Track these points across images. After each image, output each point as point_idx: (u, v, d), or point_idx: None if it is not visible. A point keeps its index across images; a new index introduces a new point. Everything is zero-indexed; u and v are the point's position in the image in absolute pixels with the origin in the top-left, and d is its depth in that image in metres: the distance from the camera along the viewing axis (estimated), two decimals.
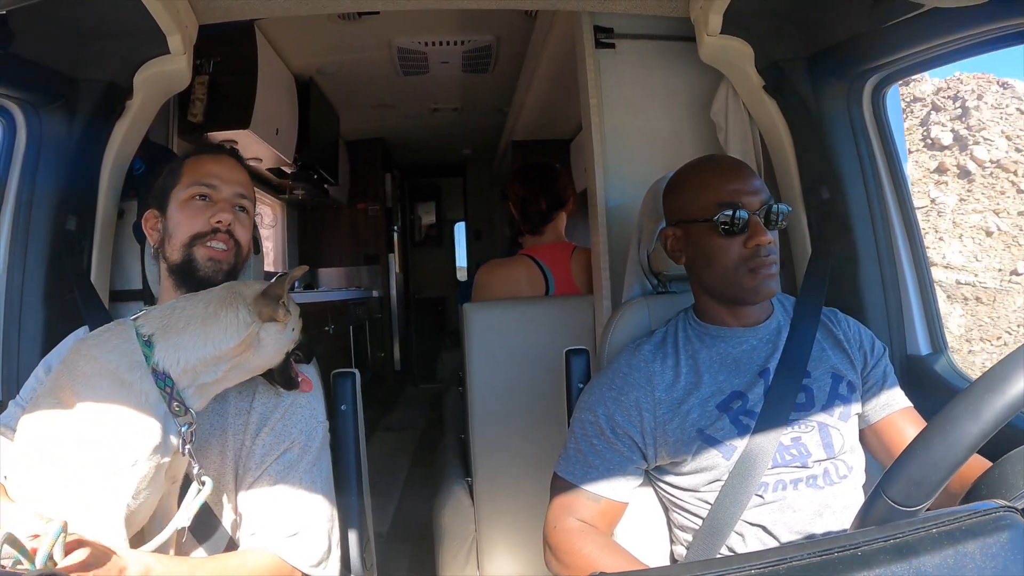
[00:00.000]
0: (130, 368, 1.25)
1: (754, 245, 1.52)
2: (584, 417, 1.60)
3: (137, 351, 1.26)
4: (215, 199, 1.55)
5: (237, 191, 1.58)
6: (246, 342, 1.32)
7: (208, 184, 1.55)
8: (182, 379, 1.28)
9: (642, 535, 1.66)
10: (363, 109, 5.96)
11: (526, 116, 5.29)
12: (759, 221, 1.53)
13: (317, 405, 1.54)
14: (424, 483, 4.34)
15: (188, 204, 1.54)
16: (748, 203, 1.54)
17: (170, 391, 1.26)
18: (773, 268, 1.54)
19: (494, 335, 2.81)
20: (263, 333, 1.35)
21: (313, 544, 1.41)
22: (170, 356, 1.27)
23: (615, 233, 2.42)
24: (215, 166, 1.58)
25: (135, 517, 1.26)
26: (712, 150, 2.42)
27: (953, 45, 1.70)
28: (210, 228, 1.53)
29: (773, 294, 1.57)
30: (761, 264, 1.53)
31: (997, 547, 0.76)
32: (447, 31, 4.33)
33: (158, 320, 1.30)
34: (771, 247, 1.54)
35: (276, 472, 1.43)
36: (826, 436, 1.52)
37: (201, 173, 1.56)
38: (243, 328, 1.32)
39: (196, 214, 1.53)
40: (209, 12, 2.03)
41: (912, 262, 2.04)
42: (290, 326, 1.41)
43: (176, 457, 1.31)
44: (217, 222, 1.53)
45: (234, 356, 1.32)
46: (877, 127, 2.05)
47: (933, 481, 0.89)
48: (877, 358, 1.65)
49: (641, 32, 2.50)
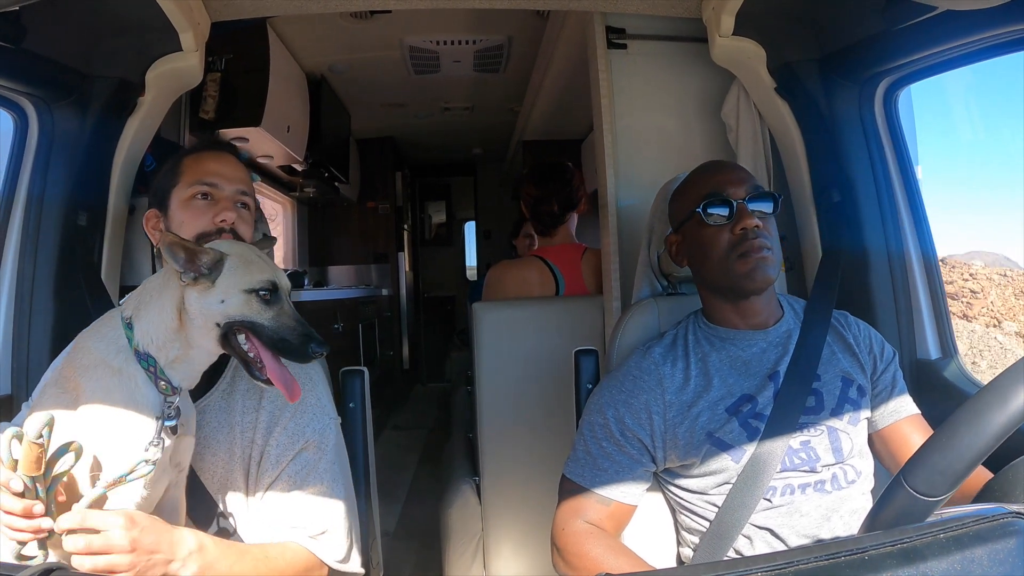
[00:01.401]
0: (116, 353, 1.26)
1: (740, 229, 1.55)
2: (593, 419, 1.60)
3: (121, 336, 1.27)
4: (217, 198, 1.54)
5: (239, 188, 1.57)
6: (179, 310, 1.27)
7: (210, 183, 1.54)
8: (160, 356, 1.27)
9: (649, 537, 1.66)
10: (374, 107, 5.97)
11: (537, 116, 5.29)
12: (745, 206, 1.56)
13: (327, 402, 1.55)
14: (431, 482, 4.35)
15: (190, 203, 1.53)
16: (732, 192, 1.58)
17: (154, 370, 1.26)
18: (764, 252, 1.54)
19: (503, 335, 2.82)
20: (187, 300, 1.27)
21: (338, 541, 1.44)
22: (144, 335, 1.27)
23: (626, 234, 2.42)
24: (216, 164, 1.57)
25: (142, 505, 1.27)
26: (723, 151, 2.41)
27: (966, 48, 1.68)
28: (215, 228, 1.51)
29: (770, 280, 1.57)
30: (750, 247, 1.54)
31: (1005, 552, 0.75)
32: (459, 30, 4.33)
33: (134, 300, 1.30)
34: (760, 231, 1.55)
35: (295, 473, 1.44)
36: (835, 440, 1.51)
37: (202, 171, 1.55)
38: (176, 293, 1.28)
39: (199, 213, 1.52)
40: (222, 9, 2.04)
41: (922, 266, 2.03)
42: (214, 293, 1.26)
43: (182, 442, 1.32)
44: (221, 221, 1.52)
45: (180, 328, 1.27)
46: (889, 130, 2.04)
47: (957, 470, 0.88)
48: (887, 363, 1.64)
49: (653, 33, 2.50)
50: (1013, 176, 12.58)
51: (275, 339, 1.27)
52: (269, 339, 1.27)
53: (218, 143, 1.66)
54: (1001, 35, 1.58)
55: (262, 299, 1.26)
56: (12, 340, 1.88)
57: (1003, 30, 1.55)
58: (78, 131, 1.94)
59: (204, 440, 1.44)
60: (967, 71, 1.80)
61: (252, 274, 1.26)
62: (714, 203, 1.58)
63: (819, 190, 2.13)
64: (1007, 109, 11.18)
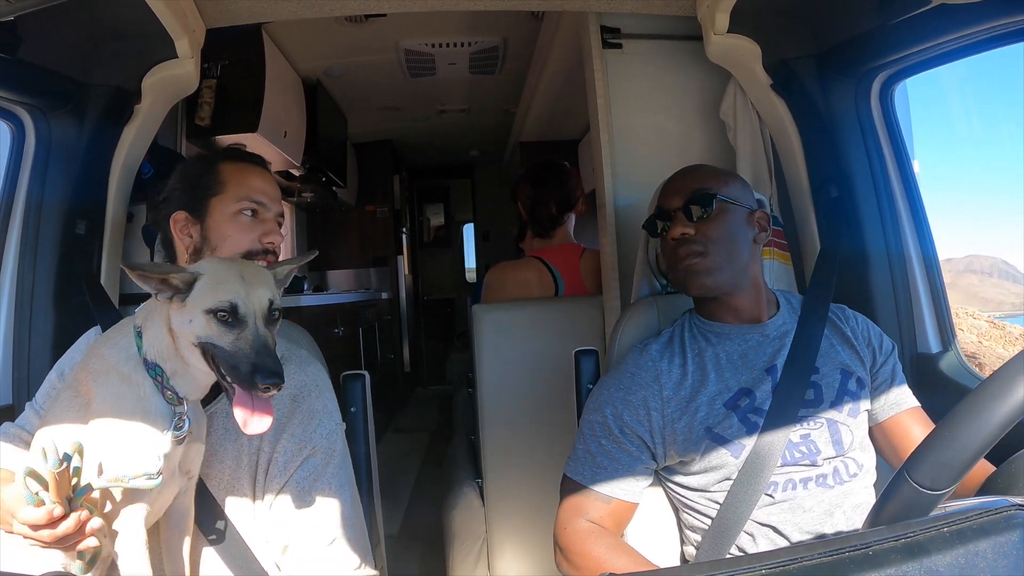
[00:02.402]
0: (126, 360, 1.26)
1: (672, 239, 1.62)
2: (593, 418, 1.60)
3: (132, 344, 1.27)
4: (264, 217, 1.56)
5: (280, 210, 1.60)
6: (168, 326, 1.26)
7: (259, 201, 1.55)
8: (165, 367, 1.26)
9: (652, 535, 1.66)
10: (371, 111, 5.97)
11: (534, 117, 5.29)
12: (676, 214, 1.62)
13: (333, 408, 1.55)
14: (434, 484, 4.35)
15: (237, 218, 1.53)
16: (670, 201, 1.65)
17: (161, 380, 1.25)
18: (690, 259, 1.59)
19: (504, 336, 2.82)
20: (171, 317, 1.25)
21: (351, 548, 1.44)
22: (151, 345, 1.26)
23: (624, 233, 2.42)
24: (263, 183, 1.59)
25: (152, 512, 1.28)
26: (721, 150, 2.42)
27: (961, 42, 1.69)
28: (262, 248, 1.54)
29: (706, 286, 1.60)
30: (676, 257, 1.62)
31: (1009, 545, 0.75)
32: (454, 32, 4.33)
33: (145, 310, 1.31)
34: (691, 238, 1.59)
35: (303, 480, 1.44)
36: (835, 433, 1.51)
37: (250, 188, 1.56)
38: (165, 309, 1.27)
39: (246, 230, 1.53)
40: (216, 16, 2.04)
41: (921, 260, 2.03)
42: (185, 312, 1.23)
43: (191, 449, 1.32)
44: (269, 243, 1.54)
45: (172, 343, 1.26)
46: (885, 124, 2.04)
47: (960, 463, 0.88)
48: (886, 355, 1.65)
49: (648, 32, 2.50)
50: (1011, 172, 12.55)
51: (228, 364, 1.21)
52: (224, 363, 1.22)
53: (257, 158, 1.67)
54: (996, 28, 1.58)
55: (221, 321, 1.21)
56: (12, 350, 1.88)
57: (998, 23, 1.56)
58: (75, 140, 1.94)
59: (211, 447, 1.44)
60: (963, 64, 1.81)
61: (216, 295, 1.22)
62: (658, 215, 1.68)
63: (817, 186, 2.13)
64: (1004, 102, 11.14)
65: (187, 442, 1.29)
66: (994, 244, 18.08)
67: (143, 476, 1.20)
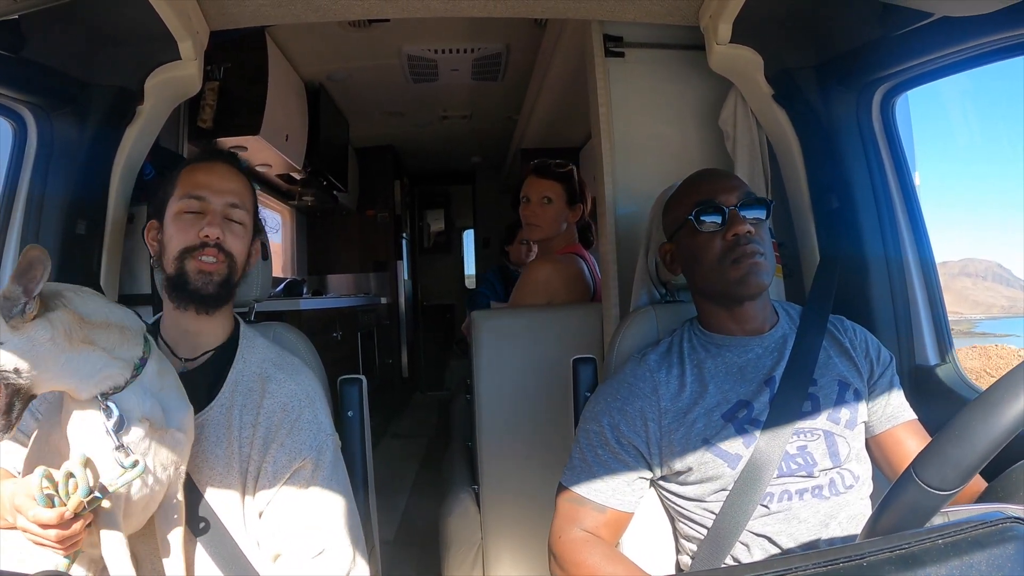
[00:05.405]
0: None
1: (733, 235, 1.55)
2: (589, 427, 1.60)
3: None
4: (205, 211, 1.53)
5: (228, 201, 1.55)
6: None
7: (198, 196, 1.53)
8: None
9: (647, 545, 1.66)
10: (373, 116, 5.98)
11: (535, 124, 5.30)
12: (737, 213, 1.57)
13: (324, 419, 1.55)
14: (431, 490, 4.33)
15: (179, 217, 1.52)
16: (724, 199, 1.59)
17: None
18: (757, 257, 1.55)
19: (502, 343, 2.82)
20: None
21: (339, 558, 1.44)
22: None
23: (624, 241, 2.42)
24: (206, 176, 1.56)
25: (135, 507, 1.29)
26: (721, 159, 2.42)
27: (963, 54, 1.69)
28: (199, 242, 1.50)
29: (764, 286, 1.57)
30: (743, 253, 1.54)
31: (1004, 558, 0.75)
32: (457, 39, 4.34)
33: None
34: (753, 237, 1.56)
35: (291, 491, 1.45)
36: (832, 445, 1.51)
37: (191, 184, 1.54)
38: None
39: (186, 227, 1.51)
40: (220, 18, 2.04)
41: (921, 272, 2.02)
42: (25, 330, 1.14)
43: (168, 437, 1.31)
44: (205, 236, 1.50)
45: None
46: (886, 136, 2.04)
47: (971, 463, 0.87)
48: (884, 367, 1.64)
49: (651, 41, 2.50)
50: (1010, 182, 12.48)
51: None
52: None
53: (213, 152, 1.66)
54: (997, 41, 1.59)
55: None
56: None
57: (999, 36, 1.56)
58: (77, 139, 1.94)
59: (203, 454, 1.44)
60: (964, 77, 1.81)
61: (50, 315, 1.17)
62: (706, 210, 1.59)
63: (817, 197, 2.13)
64: (1005, 114, 11.09)
65: (164, 430, 1.29)
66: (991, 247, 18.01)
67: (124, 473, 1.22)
